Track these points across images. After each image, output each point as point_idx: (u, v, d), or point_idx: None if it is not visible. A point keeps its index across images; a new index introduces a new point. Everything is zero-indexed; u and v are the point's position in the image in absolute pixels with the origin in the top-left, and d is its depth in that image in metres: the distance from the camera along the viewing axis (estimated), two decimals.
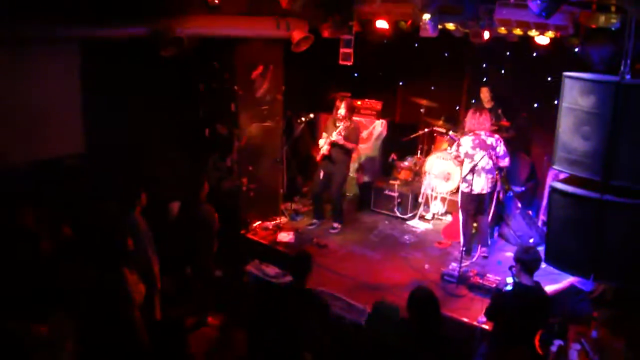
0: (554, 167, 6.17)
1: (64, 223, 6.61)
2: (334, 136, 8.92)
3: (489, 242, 8.74)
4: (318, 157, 9.38)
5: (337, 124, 9.07)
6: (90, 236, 6.46)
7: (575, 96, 5.75)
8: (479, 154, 7.92)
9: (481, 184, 8.08)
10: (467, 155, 8.03)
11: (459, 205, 8.48)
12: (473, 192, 8.03)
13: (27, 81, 7.11)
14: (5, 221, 5.96)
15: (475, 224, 8.64)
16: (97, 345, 5.32)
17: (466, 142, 8.04)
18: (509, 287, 6.17)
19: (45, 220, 6.26)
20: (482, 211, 8.41)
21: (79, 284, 5.68)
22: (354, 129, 9.12)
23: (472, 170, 7.85)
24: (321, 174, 9.44)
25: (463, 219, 8.45)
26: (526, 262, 5.50)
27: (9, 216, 6.01)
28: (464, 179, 8.13)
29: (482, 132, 7.99)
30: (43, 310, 4.89)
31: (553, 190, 6.05)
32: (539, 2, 5.59)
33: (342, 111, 9.01)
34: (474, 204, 8.30)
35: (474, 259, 8.40)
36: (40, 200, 6.44)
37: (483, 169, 8.01)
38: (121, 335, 5.57)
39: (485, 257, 8.50)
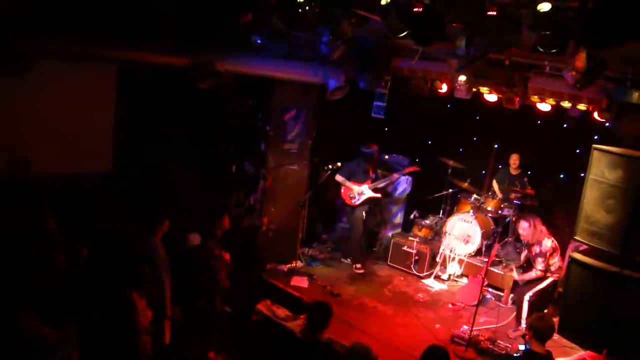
0: (576, 237, 6.18)
1: (82, 241, 6.68)
2: (393, 178, 10.04)
3: None
4: (359, 202, 9.78)
5: (367, 170, 9.73)
6: (105, 257, 6.51)
7: (602, 169, 5.79)
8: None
9: None
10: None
11: (532, 297, 8.04)
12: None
13: (63, 95, 7.27)
14: (29, 225, 6.04)
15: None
16: None
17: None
18: (519, 354, 6.12)
19: (63, 235, 6.33)
20: None
21: (87, 301, 5.71)
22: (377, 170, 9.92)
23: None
24: (363, 215, 9.88)
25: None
26: (539, 330, 5.43)
27: (34, 220, 6.09)
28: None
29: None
30: (53, 317, 4.91)
31: (572, 260, 6.05)
32: (574, 73, 5.66)
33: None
34: None
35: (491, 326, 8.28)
36: (61, 214, 6.52)
37: None
38: (123, 357, 5.58)
39: None
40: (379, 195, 9.80)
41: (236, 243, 7.83)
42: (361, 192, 9.69)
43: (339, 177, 9.81)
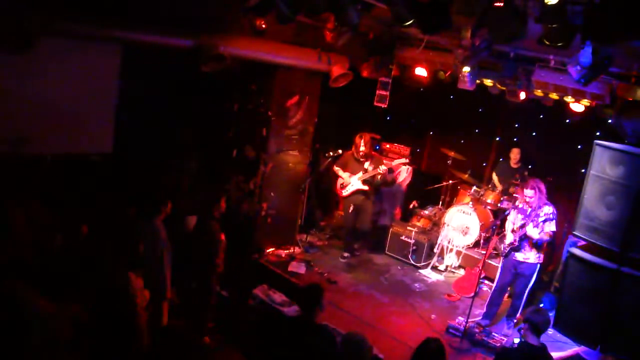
0: (575, 233, 6.16)
1: (82, 220, 6.69)
2: (382, 169, 9.24)
3: None
4: (347, 193, 9.56)
5: (361, 160, 9.37)
6: (103, 236, 6.53)
7: (604, 165, 5.77)
8: None
9: None
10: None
11: (536, 280, 7.94)
12: None
13: (66, 74, 7.23)
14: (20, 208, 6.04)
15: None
16: (97, 341, 5.35)
17: None
18: (514, 346, 6.13)
19: (62, 214, 6.34)
20: None
21: (85, 280, 5.72)
22: (378, 160, 9.46)
23: None
24: (351, 208, 9.65)
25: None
26: (535, 322, 5.43)
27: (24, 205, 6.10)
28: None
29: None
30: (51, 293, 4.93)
31: (570, 255, 6.03)
32: (579, 68, 5.63)
33: (362, 148, 9.28)
34: None
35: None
36: (61, 193, 6.53)
37: None
38: (120, 335, 5.59)
39: None
40: (366, 187, 9.49)
41: (234, 227, 7.82)
42: (349, 183, 9.54)
43: (335, 167, 9.75)
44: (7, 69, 6.55)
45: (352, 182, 9.48)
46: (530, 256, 7.63)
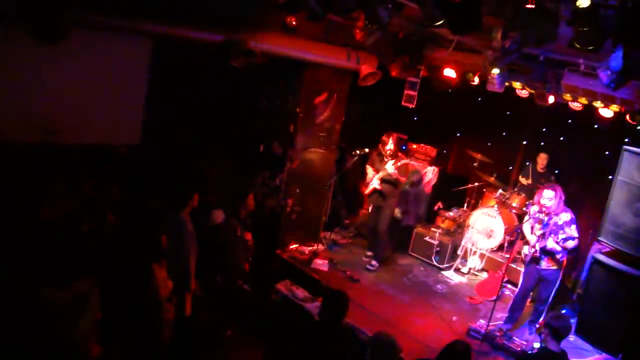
0: (600, 238, 6.13)
1: (109, 209, 6.80)
2: (391, 169, 8.98)
3: None
4: (368, 191, 9.47)
5: (385, 159, 9.16)
6: (128, 227, 6.62)
7: (632, 171, 5.73)
8: None
9: None
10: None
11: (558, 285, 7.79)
12: None
13: (97, 66, 7.34)
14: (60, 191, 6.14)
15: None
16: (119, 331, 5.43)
17: None
18: (534, 351, 6.11)
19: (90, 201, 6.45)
20: None
21: (109, 268, 5.80)
22: (404, 164, 9.18)
23: None
24: (370, 207, 9.61)
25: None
26: (556, 328, 5.40)
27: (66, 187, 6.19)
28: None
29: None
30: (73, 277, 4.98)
31: (595, 261, 6.00)
32: (609, 72, 5.57)
33: (390, 146, 9.08)
34: None
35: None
36: (92, 182, 6.63)
37: None
38: (143, 325, 5.67)
39: None
40: (379, 187, 9.30)
41: (259, 222, 7.85)
42: (370, 181, 9.46)
43: (367, 165, 9.71)
44: (39, 61, 6.67)
45: (373, 181, 9.42)
46: (552, 263, 7.54)
